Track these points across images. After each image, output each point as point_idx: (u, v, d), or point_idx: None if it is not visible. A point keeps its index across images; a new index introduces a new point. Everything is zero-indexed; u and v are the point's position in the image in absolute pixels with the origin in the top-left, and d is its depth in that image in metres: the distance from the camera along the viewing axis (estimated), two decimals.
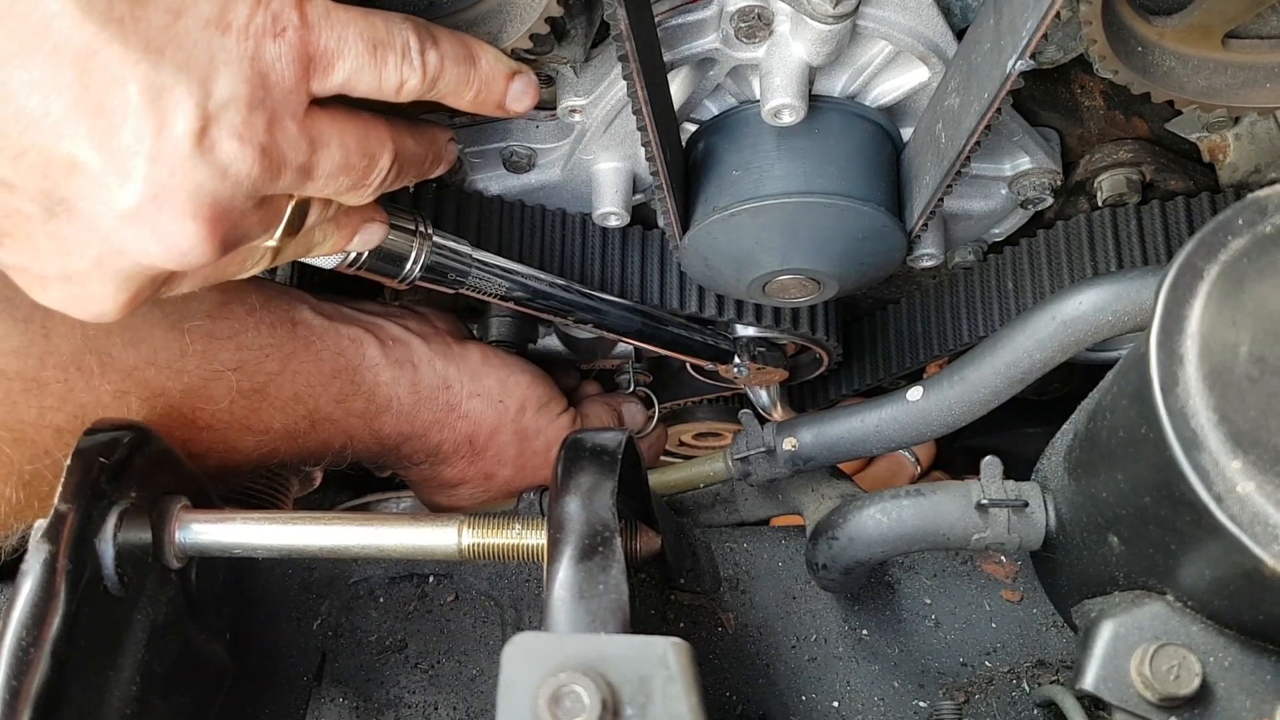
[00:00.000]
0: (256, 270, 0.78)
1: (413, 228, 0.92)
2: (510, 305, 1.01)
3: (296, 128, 0.69)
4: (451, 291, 0.98)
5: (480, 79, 0.78)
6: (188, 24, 0.63)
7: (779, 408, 1.28)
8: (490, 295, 0.99)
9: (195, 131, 0.64)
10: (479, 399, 1.05)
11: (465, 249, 0.96)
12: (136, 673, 0.77)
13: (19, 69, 0.60)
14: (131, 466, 0.76)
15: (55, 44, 0.60)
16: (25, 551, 0.71)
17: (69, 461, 0.73)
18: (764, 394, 1.27)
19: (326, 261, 0.89)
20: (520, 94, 0.81)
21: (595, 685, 0.57)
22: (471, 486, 1.10)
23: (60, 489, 0.72)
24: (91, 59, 0.61)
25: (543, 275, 1.01)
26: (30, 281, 0.70)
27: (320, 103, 0.71)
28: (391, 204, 0.91)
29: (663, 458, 1.43)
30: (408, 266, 0.93)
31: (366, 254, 0.89)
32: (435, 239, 0.94)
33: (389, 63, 0.71)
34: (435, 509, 1.14)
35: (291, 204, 0.74)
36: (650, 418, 1.27)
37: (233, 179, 0.66)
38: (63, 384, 0.81)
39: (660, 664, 0.59)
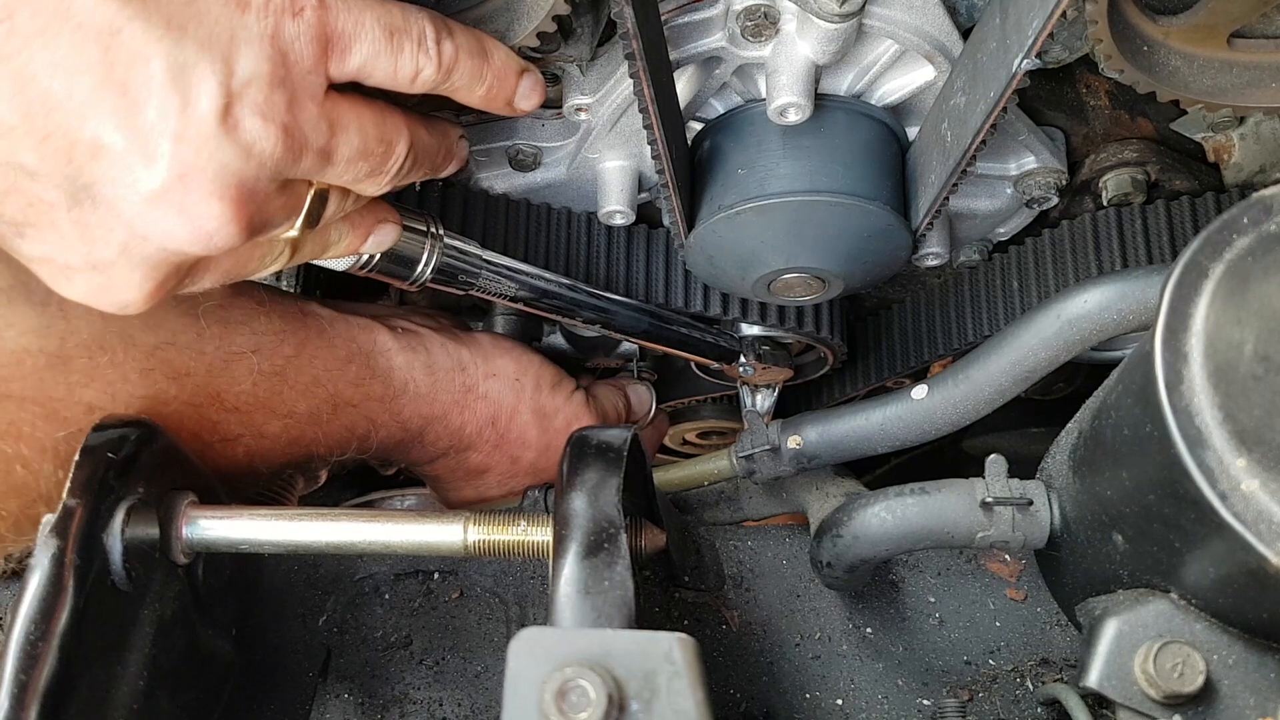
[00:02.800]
0: (274, 268, 0.78)
1: (424, 229, 0.92)
2: (519, 306, 1.02)
3: (316, 109, 0.68)
4: (460, 293, 0.98)
5: (493, 74, 0.78)
6: (208, 1, 0.63)
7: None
8: (499, 296, 0.99)
9: (219, 109, 0.63)
10: (495, 379, 1.06)
11: (476, 250, 0.96)
12: (143, 668, 0.77)
13: (43, 49, 0.59)
14: (139, 462, 0.76)
15: (79, 23, 0.60)
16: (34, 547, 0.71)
17: (76, 457, 0.73)
18: (758, 396, 1.27)
19: (339, 263, 0.89)
20: (529, 91, 0.81)
21: (601, 680, 0.57)
22: (498, 472, 1.09)
23: (68, 484, 0.72)
24: (114, 37, 0.60)
25: (551, 276, 1.01)
26: (54, 273, 0.68)
27: (337, 89, 0.70)
28: (403, 205, 0.91)
29: (667, 456, 1.43)
30: (419, 268, 0.93)
31: (378, 256, 0.89)
32: (446, 240, 0.94)
33: (405, 50, 0.71)
34: (463, 505, 1.13)
35: (311, 192, 0.74)
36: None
37: (257, 158, 0.65)
38: (87, 360, 0.80)
39: (666, 659, 0.60)
